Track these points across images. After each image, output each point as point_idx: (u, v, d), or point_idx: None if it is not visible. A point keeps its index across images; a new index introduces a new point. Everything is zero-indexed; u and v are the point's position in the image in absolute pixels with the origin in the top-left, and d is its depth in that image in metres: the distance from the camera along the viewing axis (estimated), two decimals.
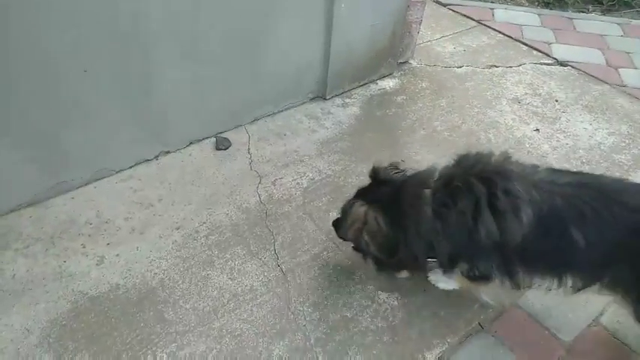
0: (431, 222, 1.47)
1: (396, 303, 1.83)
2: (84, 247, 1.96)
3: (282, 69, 2.59)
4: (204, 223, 2.09)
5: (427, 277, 1.85)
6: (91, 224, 2.05)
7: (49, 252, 1.93)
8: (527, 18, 3.95)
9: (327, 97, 2.87)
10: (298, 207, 2.19)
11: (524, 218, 1.37)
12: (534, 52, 3.50)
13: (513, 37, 3.66)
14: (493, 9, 4.04)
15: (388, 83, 3.06)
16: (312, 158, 2.46)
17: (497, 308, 1.81)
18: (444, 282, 1.82)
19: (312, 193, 2.26)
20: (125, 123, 2.18)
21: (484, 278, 1.57)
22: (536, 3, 4.32)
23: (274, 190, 2.26)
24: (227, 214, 2.13)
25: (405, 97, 2.94)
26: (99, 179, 2.25)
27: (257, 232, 2.06)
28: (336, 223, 1.82)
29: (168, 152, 2.42)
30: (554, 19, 3.96)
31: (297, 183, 2.30)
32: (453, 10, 4.00)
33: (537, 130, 2.74)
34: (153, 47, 2.04)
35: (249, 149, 2.49)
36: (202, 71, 2.27)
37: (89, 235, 2.01)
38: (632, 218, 1.34)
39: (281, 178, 2.33)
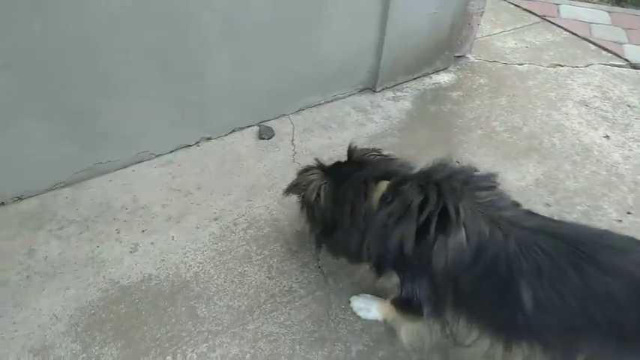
0: (367, 214, 1.32)
1: None
2: (118, 232, 1.88)
3: (331, 56, 2.44)
4: (243, 215, 1.97)
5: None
6: (126, 209, 1.97)
7: (83, 235, 1.86)
8: (595, 15, 3.65)
9: (377, 90, 2.70)
10: None
11: (450, 241, 1.15)
12: (603, 52, 3.21)
13: (580, 35, 3.38)
14: (558, 4, 3.75)
15: (443, 78, 2.86)
16: None
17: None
18: (365, 310, 1.64)
19: None
20: (166, 105, 2.09)
21: (409, 306, 1.36)
22: (607, 0, 4.00)
23: None
24: (267, 207, 2.01)
25: (461, 94, 2.74)
26: (137, 162, 2.17)
27: (298, 229, 1.93)
28: None
29: (209, 139, 2.32)
30: (626, 18, 3.64)
31: None
32: (515, 5, 3.74)
33: (607, 136, 2.49)
34: (196, 26, 1.93)
35: (292, 140, 2.36)
36: (248, 55, 2.15)
37: (124, 221, 1.92)
38: (603, 280, 1.05)
39: None
